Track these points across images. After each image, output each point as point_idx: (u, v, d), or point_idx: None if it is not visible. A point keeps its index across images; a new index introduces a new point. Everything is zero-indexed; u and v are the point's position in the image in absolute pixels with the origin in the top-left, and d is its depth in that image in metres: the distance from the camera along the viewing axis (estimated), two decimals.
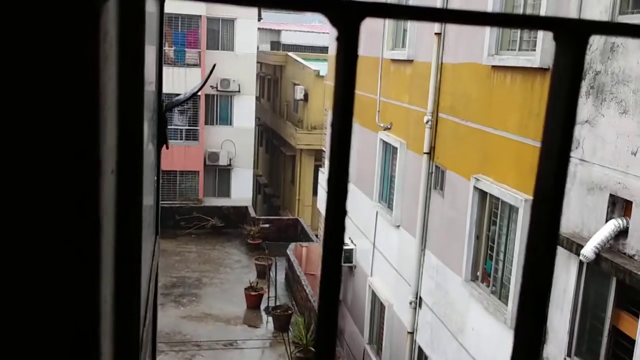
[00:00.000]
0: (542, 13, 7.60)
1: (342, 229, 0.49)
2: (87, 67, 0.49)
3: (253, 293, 18.24)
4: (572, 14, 7.05)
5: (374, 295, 13.63)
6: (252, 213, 25.68)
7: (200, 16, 25.89)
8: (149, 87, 1.45)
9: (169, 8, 23.85)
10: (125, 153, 0.76)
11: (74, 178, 0.51)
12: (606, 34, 0.57)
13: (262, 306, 18.35)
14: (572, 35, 0.55)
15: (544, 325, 0.56)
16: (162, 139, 1.72)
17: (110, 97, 0.62)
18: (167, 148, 1.80)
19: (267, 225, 23.74)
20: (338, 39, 0.50)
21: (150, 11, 1.37)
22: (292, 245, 20.58)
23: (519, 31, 8.45)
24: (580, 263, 6.78)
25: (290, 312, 17.35)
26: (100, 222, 0.54)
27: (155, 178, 1.75)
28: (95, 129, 0.51)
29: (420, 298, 11.27)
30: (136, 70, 0.81)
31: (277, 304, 17.93)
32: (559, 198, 0.55)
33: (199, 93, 25.83)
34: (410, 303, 11.40)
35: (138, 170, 0.85)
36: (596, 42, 6.74)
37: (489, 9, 8.83)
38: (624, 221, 6.25)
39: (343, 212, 0.49)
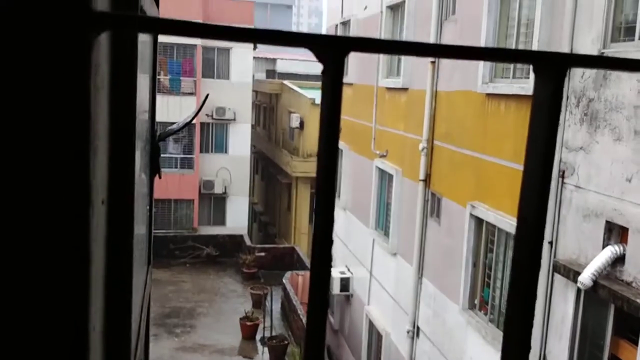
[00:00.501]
0: (535, 41, 7.69)
1: (329, 257, 0.49)
2: (78, 100, 0.49)
3: (248, 323, 18.05)
4: (565, 41, 7.14)
5: (371, 324, 13.52)
6: (248, 241, 25.57)
7: (196, 45, 26.12)
8: (142, 116, 1.45)
9: (164, 37, 24.07)
10: (116, 183, 0.76)
11: (63, 208, 0.51)
12: (585, 67, 0.57)
13: (258, 336, 18.14)
14: (551, 68, 0.55)
15: (529, 352, 0.55)
16: (154, 169, 1.72)
17: (102, 127, 0.62)
18: (160, 178, 1.80)
19: (262, 254, 23.62)
20: (323, 72, 0.51)
21: (143, 40, 1.38)
22: (288, 274, 20.45)
23: None
24: (578, 290, 6.75)
25: (286, 342, 17.16)
26: (90, 252, 0.54)
27: (148, 207, 1.75)
28: (85, 160, 0.51)
29: (418, 327, 11.18)
30: (128, 101, 0.81)
31: (273, 334, 17.74)
32: (541, 227, 0.55)
33: (194, 121, 25.92)
34: (408, 332, 11.30)
35: (129, 200, 0.85)
36: (588, 70, 6.81)
37: (482, 37, 8.95)
38: (621, 248, 6.24)
39: (330, 243, 0.49)
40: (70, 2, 0.46)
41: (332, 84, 0.50)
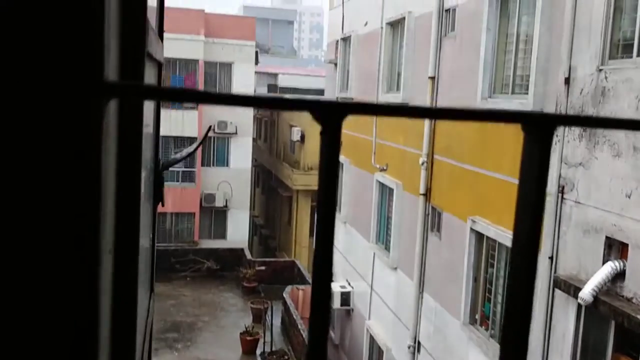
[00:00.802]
0: (534, 57, 7.75)
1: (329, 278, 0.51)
2: (89, 162, 0.52)
3: (249, 338, 17.98)
4: (563, 58, 7.19)
5: (371, 340, 13.47)
6: (248, 255, 25.53)
7: (198, 60, 26.25)
8: (148, 149, 1.48)
9: (167, 52, 24.17)
10: (122, 234, 0.79)
11: (74, 260, 0.54)
12: (573, 125, 0.60)
13: (258, 351, 18.06)
14: (539, 127, 0.58)
15: None
16: (158, 198, 1.75)
17: (109, 184, 0.65)
18: (163, 205, 1.83)
19: (263, 268, 23.57)
20: (322, 133, 0.53)
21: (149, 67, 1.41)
22: (288, 288, 20.40)
23: (511, 74, 8.61)
24: (579, 306, 6.75)
25: (286, 357, 17.09)
26: (99, 302, 0.57)
27: (151, 236, 1.77)
28: (95, 217, 0.54)
29: (419, 342, 11.15)
30: (134, 159, 0.84)
31: (273, 349, 17.67)
32: (528, 305, 0.57)
33: (197, 135, 26.00)
34: (409, 347, 11.27)
35: (134, 248, 0.87)
36: (587, 86, 6.86)
37: (482, 53, 9.01)
38: (621, 263, 6.25)
39: (330, 261, 0.52)
40: (84, 74, 0.49)
41: (330, 144, 0.53)
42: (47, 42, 0.51)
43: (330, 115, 0.54)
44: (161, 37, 1.85)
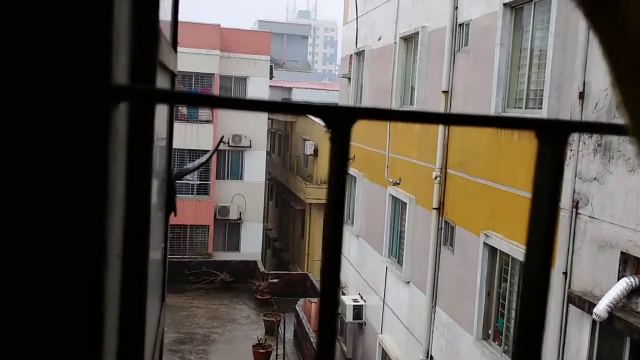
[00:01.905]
0: (548, 72, 7.73)
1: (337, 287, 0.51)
2: (96, 166, 0.53)
3: (261, 350, 17.94)
4: (578, 73, 7.16)
5: (384, 354, 13.38)
6: (262, 267, 25.53)
7: (214, 74, 26.45)
8: (161, 158, 1.50)
9: (183, 66, 24.40)
10: (131, 236, 0.80)
11: (78, 262, 0.54)
12: (584, 132, 0.60)
13: None
14: (552, 135, 0.58)
15: None
16: (170, 207, 1.76)
17: (119, 187, 0.66)
18: (175, 215, 1.84)
19: (276, 280, 23.56)
20: (331, 139, 0.53)
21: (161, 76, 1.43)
22: (301, 301, 20.35)
23: (525, 88, 8.58)
24: (593, 322, 6.67)
25: None
26: (104, 305, 0.57)
27: (163, 245, 1.78)
28: (101, 220, 0.55)
29: (432, 356, 11.06)
30: (145, 162, 0.85)
31: None
32: (544, 295, 0.57)
33: (211, 148, 26.13)
34: None
35: (144, 253, 0.88)
36: (601, 100, 6.82)
37: (495, 67, 8.99)
38: (636, 279, 6.17)
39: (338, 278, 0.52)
40: (90, 77, 0.50)
41: (339, 149, 0.53)
42: (52, 43, 0.53)
43: (340, 120, 0.54)
44: (175, 49, 1.87)
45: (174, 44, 1.87)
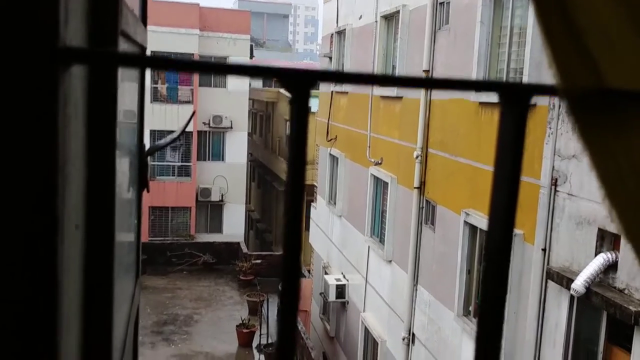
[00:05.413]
0: (527, 50, 7.75)
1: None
2: (43, 129, 0.51)
3: (245, 330, 18.03)
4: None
5: (366, 332, 13.51)
6: (244, 249, 25.55)
7: (193, 54, 26.17)
8: (129, 130, 1.47)
9: (162, 47, 24.11)
10: (94, 208, 0.78)
11: (30, 234, 0.53)
12: (548, 95, 0.60)
13: (254, 344, 18.12)
14: (515, 97, 0.58)
15: (500, 341, 0.57)
16: (143, 183, 1.74)
17: (76, 154, 0.64)
18: (148, 192, 1.82)
19: (259, 261, 23.60)
20: (291, 102, 0.53)
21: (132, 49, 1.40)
22: None
23: (505, 67, 8.61)
24: (571, 297, 6.78)
25: None
26: (58, 278, 0.56)
27: (136, 221, 1.77)
28: (52, 185, 0.53)
29: (413, 334, 11.19)
30: (107, 128, 0.83)
31: (270, 341, 17.72)
32: (506, 253, 0.57)
33: (192, 129, 25.95)
34: (403, 339, 11.31)
35: (109, 225, 0.86)
36: None
37: (475, 46, 9.00)
38: (613, 255, 6.27)
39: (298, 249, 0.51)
40: (36, 38, 0.49)
41: (299, 113, 0.53)
42: None
43: (299, 83, 0.53)
44: (144, 24, 1.83)
45: (144, 19, 1.83)
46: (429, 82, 0.57)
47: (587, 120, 0.58)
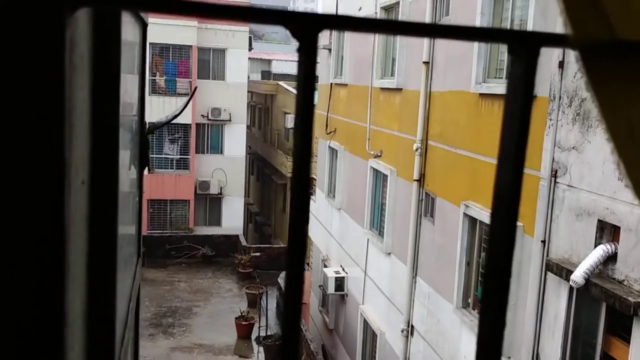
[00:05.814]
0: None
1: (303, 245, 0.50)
2: (50, 76, 0.50)
3: (244, 323, 18.06)
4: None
5: (365, 324, 13.53)
6: (243, 242, 25.57)
7: (191, 46, 26.11)
8: (131, 109, 1.46)
9: (160, 38, 24.05)
10: (99, 165, 0.77)
11: (37, 186, 0.52)
12: (557, 46, 0.59)
13: (253, 336, 18.15)
14: (524, 47, 0.57)
15: (503, 329, 0.56)
16: (144, 161, 1.73)
17: (81, 105, 0.63)
18: (150, 171, 1.81)
19: (258, 254, 23.63)
20: (299, 49, 0.52)
21: (131, 30, 1.39)
22: (283, 274, 20.45)
23: (505, 58, 8.58)
24: (571, 289, 6.78)
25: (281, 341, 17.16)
26: (65, 229, 0.55)
27: (138, 199, 1.75)
28: (59, 135, 0.52)
29: (412, 326, 11.20)
30: (111, 78, 0.82)
31: (268, 333, 17.75)
32: (514, 210, 0.56)
33: (190, 122, 25.91)
34: (402, 331, 11.33)
35: (113, 182, 0.86)
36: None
37: (475, 45, 8.96)
38: (613, 246, 6.27)
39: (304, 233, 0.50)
40: None
41: (306, 60, 0.52)
42: None
43: (307, 28, 0.52)
44: None
45: None
46: (434, 29, 0.56)
47: (597, 70, 0.57)
